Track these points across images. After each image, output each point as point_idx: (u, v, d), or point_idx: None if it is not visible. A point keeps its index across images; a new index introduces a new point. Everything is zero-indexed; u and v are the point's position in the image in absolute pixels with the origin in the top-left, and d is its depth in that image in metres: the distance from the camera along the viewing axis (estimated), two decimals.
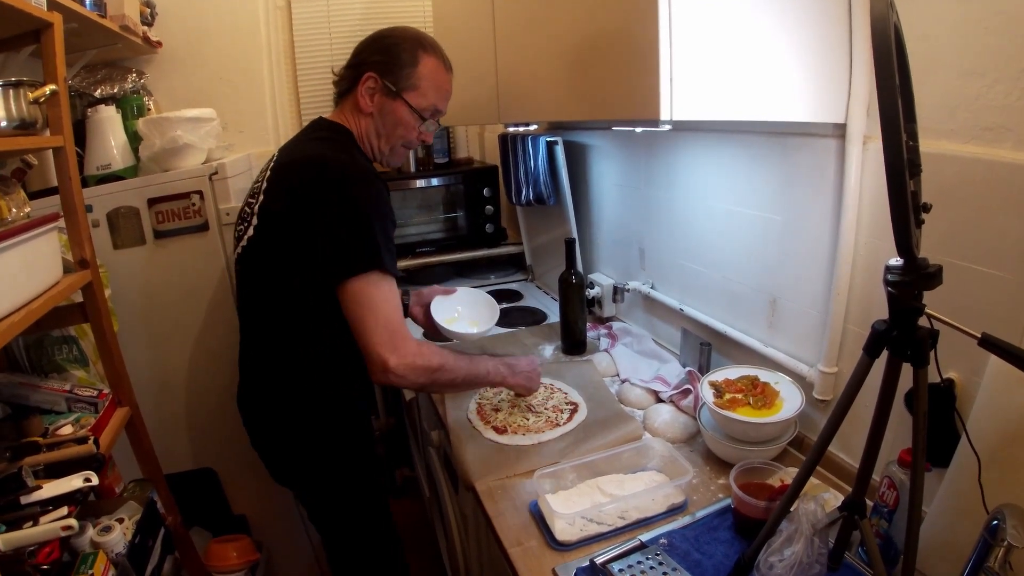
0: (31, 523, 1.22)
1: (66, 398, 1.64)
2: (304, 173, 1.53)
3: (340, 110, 1.72)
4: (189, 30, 2.75)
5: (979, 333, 0.85)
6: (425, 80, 1.65)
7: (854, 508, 1.08)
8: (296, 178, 1.54)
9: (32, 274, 1.43)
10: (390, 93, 1.64)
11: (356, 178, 1.50)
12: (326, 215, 1.48)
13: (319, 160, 1.53)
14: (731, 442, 1.54)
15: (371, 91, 1.64)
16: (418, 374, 1.53)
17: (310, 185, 1.50)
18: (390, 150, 1.72)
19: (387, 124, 1.67)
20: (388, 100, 1.64)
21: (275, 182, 1.59)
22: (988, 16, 1.13)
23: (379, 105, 1.65)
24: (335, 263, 1.49)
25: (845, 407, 1.00)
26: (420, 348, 1.53)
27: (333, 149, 1.59)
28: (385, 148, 1.71)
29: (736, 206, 1.78)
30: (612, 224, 2.57)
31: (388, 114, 1.66)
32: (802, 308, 1.60)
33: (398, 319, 1.51)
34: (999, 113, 1.13)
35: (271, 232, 1.56)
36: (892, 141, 0.75)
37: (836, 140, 1.41)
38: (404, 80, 1.63)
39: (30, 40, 1.59)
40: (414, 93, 1.65)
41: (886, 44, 0.72)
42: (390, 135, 1.69)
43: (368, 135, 1.69)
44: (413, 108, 1.65)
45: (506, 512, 1.47)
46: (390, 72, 1.63)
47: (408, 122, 1.67)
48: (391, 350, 1.48)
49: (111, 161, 2.26)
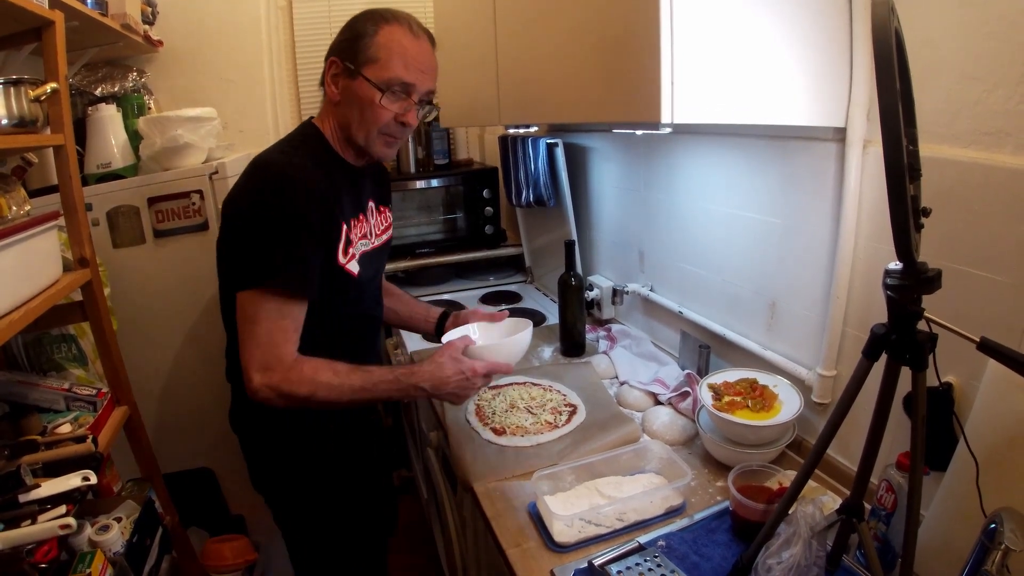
0: (29, 521, 1.22)
1: (65, 397, 1.64)
2: (240, 178, 1.46)
3: (320, 109, 1.60)
4: (190, 29, 2.76)
5: (978, 337, 0.86)
6: (384, 49, 1.45)
7: (852, 511, 1.08)
8: (235, 184, 1.48)
9: (32, 272, 1.43)
10: (349, 73, 1.47)
11: (272, 183, 1.39)
12: (235, 222, 1.44)
13: (252, 164, 1.45)
14: (729, 445, 1.54)
15: (335, 77, 1.50)
16: (284, 399, 1.40)
17: (235, 190, 1.46)
18: (366, 140, 1.53)
19: (353, 109, 1.49)
20: (350, 81, 1.47)
21: (236, 184, 1.50)
22: (989, 21, 1.13)
23: (344, 90, 1.49)
24: (230, 273, 1.46)
25: (844, 410, 1.00)
26: (290, 373, 1.39)
27: (277, 151, 1.50)
28: (361, 139, 1.52)
29: (736, 209, 1.78)
30: (612, 226, 2.57)
31: (352, 97, 1.48)
32: (801, 311, 1.61)
33: (279, 338, 1.39)
34: (999, 118, 1.14)
35: (219, 240, 1.51)
36: (892, 145, 0.75)
37: (836, 144, 1.41)
38: (362, 54, 1.45)
39: (31, 38, 1.60)
40: (373, 66, 1.45)
41: (887, 49, 0.73)
42: (360, 121, 1.50)
43: (342, 127, 1.54)
44: (372, 82, 1.45)
45: (504, 513, 1.47)
46: (349, 50, 1.47)
47: (371, 100, 1.46)
48: (258, 368, 1.38)
49: (111, 160, 2.27)
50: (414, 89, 1.49)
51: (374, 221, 1.68)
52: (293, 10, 3.05)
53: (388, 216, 1.80)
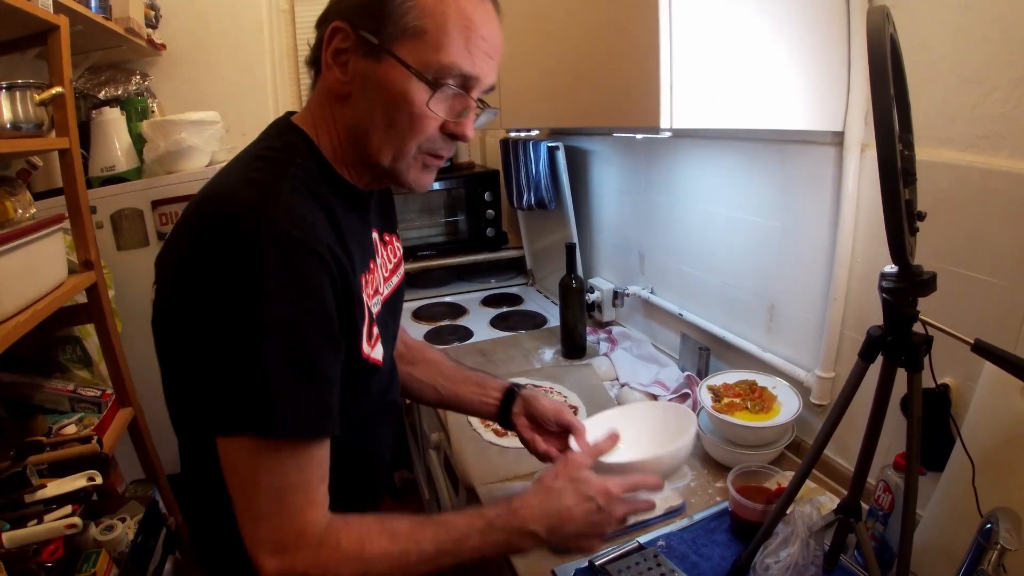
0: (36, 521, 1.23)
1: (69, 398, 1.66)
2: (188, 225, 0.90)
3: (308, 103, 1.04)
4: (193, 33, 2.78)
5: (972, 339, 0.87)
6: (433, 16, 0.89)
7: (849, 511, 1.09)
8: (182, 235, 0.90)
9: (37, 275, 1.45)
10: (370, 49, 0.91)
11: (247, 247, 0.81)
12: (185, 308, 0.86)
13: (207, 202, 0.89)
14: (729, 446, 1.55)
15: (341, 55, 0.93)
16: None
17: (182, 250, 0.88)
18: (396, 161, 0.97)
19: (376, 109, 0.93)
20: (371, 64, 0.91)
21: (174, 230, 0.94)
22: (986, 24, 1.14)
23: (359, 77, 0.93)
24: (203, 403, 0.88)
25: (841, 411, 1.01)
26: (321, 554, 0.88)
27: (247, 176, 0.90)
28: (387, 157, 0.96)
29: (735, 212, 1.79)
30: (612, 229, 2.58)
31: (374, 90, 0.92)
32: (800, 313, 1.62)
33: (297, 503, 0.88)
34: (996, 122, 1.14)
35: (156, 319, 0.93)
36: (886, 152, 0.76)
37: (834, 148, 1.42)
38: (394, 20, 0.89)
39: (36, 42, 1.62)
40: (415, 43, 0.90)
41: (881, 56, 0.74)
42: (389, 130, 0.94)
43: (353, 136, 0.98)
44: (413, 70, 0.90)
45: None
46: (369, 11, 0.90)
47: (410, 98, 0.91)
48: (271, 551, 0.86)
49: (115, 163, 2.28)
50: (476, 84, 0.96)
51: (381, 261, 1.15)
52: (295, 13, 3.07)
53: (397, 248, 1.26)
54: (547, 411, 1.34)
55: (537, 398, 1.37)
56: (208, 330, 0.83)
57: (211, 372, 0.84)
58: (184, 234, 0.89)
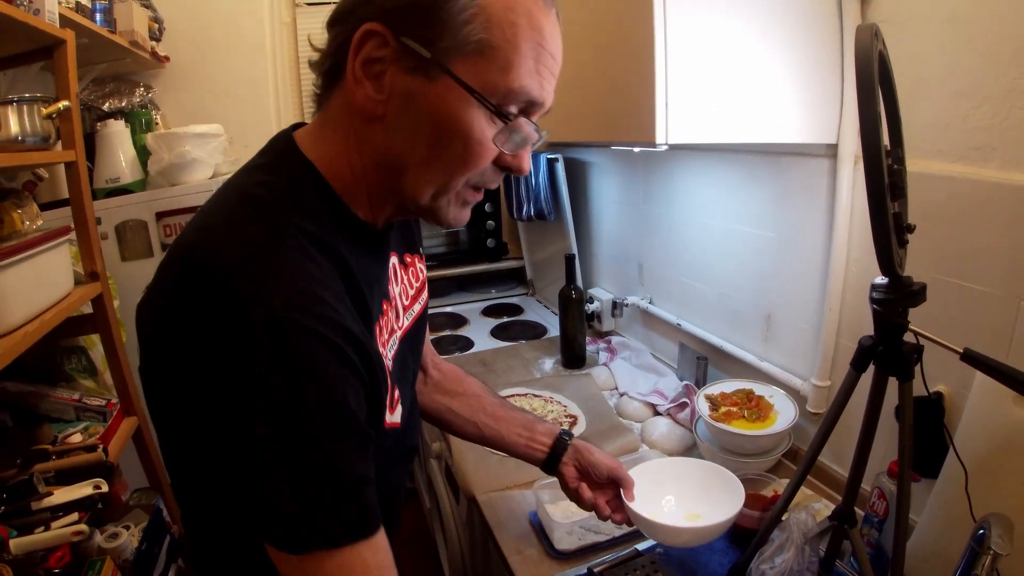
0: (43, 528, 1.25)
1: (75, 407, 1.67)
2: (172, 292, 0.70)
3: (317, 119, 0.84)
4: (196, 45, 2.81)
5: (961, 348, 0.88)
6: (501, 27, 0.72)
7: (843, 518, 1.10)
8: (162, 295, 0.72)
9: (45, 285, 1.47)
10: (419, 64, 0.72)
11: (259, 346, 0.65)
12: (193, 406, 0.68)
13: (199, 274, 0.68)
14: (726, 454, 1.57)
15: (375, 65, 0.74)
16: None
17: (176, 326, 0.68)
18: (438, 197, 0.81)
19: (421, 135, 0.76)
20: (418, 81, 0.73)
21: (155, 280, 0.74)
22: (976, 38, 1.16)
23: (398, 93, 0.74)
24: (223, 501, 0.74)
25: (833, 420, 1.03)
26: None
27: (238, 225, 0.72)
28: (427, 194, 0.80)
29: (732, 223, 1.81)
30: (611, 240, 2.60)
31: (420, 111, 0.74)
32: (796, 323, 1.64)
33: None
34: (986, 133, 1.16)
35: (144, 352, 0.74)
36: (873, 168, 0.78)
37: (828, 160, 1.44)
38: (451, 33, 0.71)
39: (42, 56, 1.64)
40: (478, 60, 0.72)
41: (868, 75, 0.76)
42: (433, 161, 0.77)
43: (385, 167, 0.80)
44: (475, 92, 0.72)
45: (506, 522, 1.50)
46: (418, 21, 0.71)
47: (469, 125, 0.74)
48: None
49: (120, 175, 2.30)
50: (539, 109, 0.82)
51: (400, 289, 1.00)
52: (297, 25, 3.09)
53: (420, 270, 1.10)
54: (602, 465, 1.26)
55: (590, 449, 1.29)
56: (208, 429, 0.68)
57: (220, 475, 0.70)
58: (164, 294, 0.71)
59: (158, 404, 0.74)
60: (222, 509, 0.73)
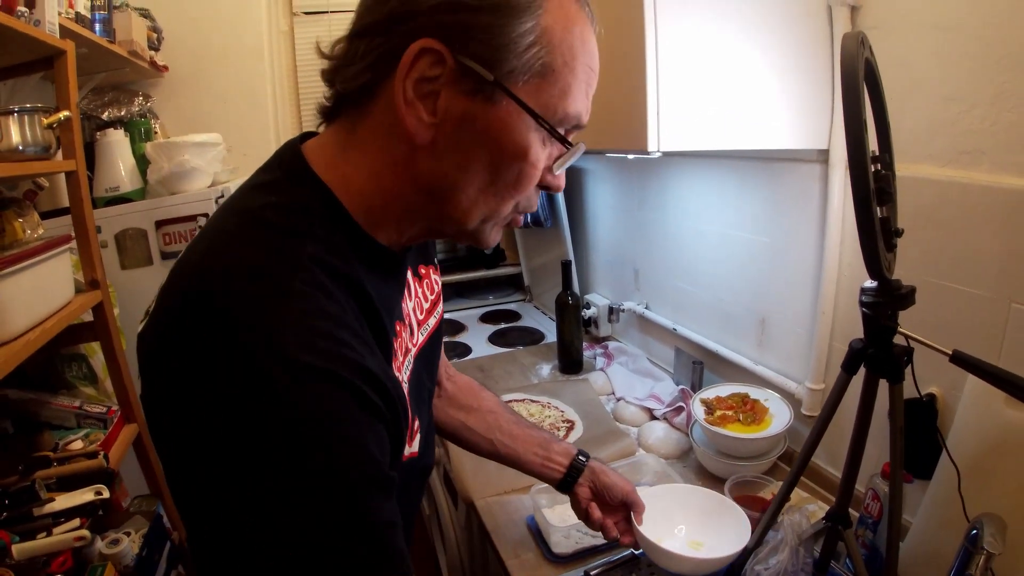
0: (45, 534, 1.26)
1: (76, 414, 1.68)
2: (177, 324, 0.64)
3: (336, 137, 0.76)
4: (195, 54, 2.82)
5: (950, 350, 0.90)
6: (560, 52, 0.70)
7: (837, 519, 1.11)
8: (166, 324, 0.66)
9: (46, 294, 1.48)
10: (479, 86, 0.68)
11: (276, 397, 0.58)
12: (203, 456, 0.60)
13: (207, 307, 0.62)
14: (722, 457, 1.58)
15: (426, 84, 0.68)
16: None
17: (179, 362, 0.62)
18: (484, 221, 0.78)
19: (478, 160, 0.71)
20: (479, 104, 0.69)
21: (157, 304, 0.69)
22: (966, 43, 1.18)
23: (454, 117, 0.69)
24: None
25: (824, 422, 1.04)
26: None
27: (257, 275, 0.64)
28: (475, 219, 0.76)
29: (726, 228, 1.83)
30: (607, 246, 2.62)
31: (479, 136, 0.70)
32: (790, 327, 1.65)
33: None
34: (975, 137, 1.18)
35: (145, 382, 0.67)
36: (858, 175, 0.80)
37: (820, 165, 1.46)
38: (515, 54, 0.68)
39: (43, 66, 1.65)
40: (540, 83, 0.70)
41: (853, 83, 0.78)
42: (489, 186, 0.73)
43: (419, 193, 0.74)
44: (538, 116, 0.70)
45: (504, 526, 1.51)
46: (479, 40, 0.67)
47: (529, 149, 0.71)
48: None
49: (119, 184, 2.31)
50: (580, 127, 0.79)
51: (414, 304, 0.94)
52: (295, 34, 3.11)
53: (435, 281, 1.05)
54: (617, 487, 1.27)
55: (605, 471, 1.29)
56: (217, 482, 0.60)
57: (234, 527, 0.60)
58: (167, 330, 0.65)
59: (162, 442, 0.65)
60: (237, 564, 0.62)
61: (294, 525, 0.59)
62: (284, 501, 0.58)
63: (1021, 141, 1.11)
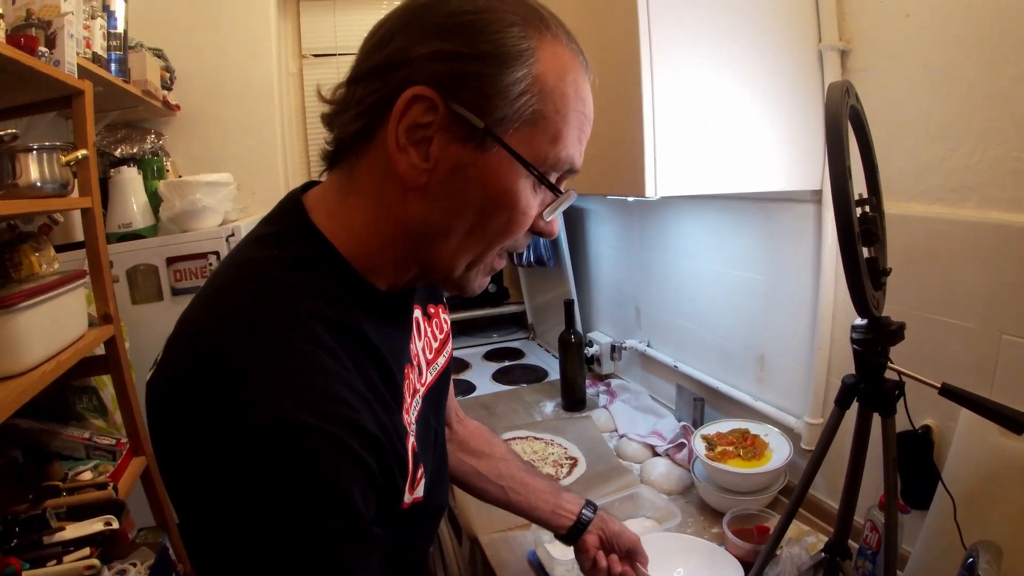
0: (55, 562, 1.28)
1: (85, 445, 1.70)
2: (180, 379, 0.67)
3: (336, 184, 0.78)
4: (206, 94, 2.89)
5: (939, 383, 0.93)
6: (552, 100, 0.71)
7: (836, 550, 1.13)
8: (171, 380, 0.69)
9: (62, 327, 1.52)
10: (471, 134, 0.69)
11: (269, 455, 0.61)
12: (203, 501, 0.65)
13: (209, 366, 0.65)
14: (723, 492, 1.59)
15: (419, 130, 0.70)
16: None
17: (180, 417, 0.65)
18: (469, 267, 0.78)
19: (468, 206, 0.72)
20: (470, 151, 0.70)
21: (164, 355, 0.72)
22: (950, 83, 1.22)
23: (446, 163, 0.70)
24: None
25: (820, 456, 1.07)
26: None
27: (256, 331, 0.66)
28: (460, 266, 0.77)
29: (724, 267, 1.87)
30: (609, 285, 2.66)
31: (470, 182, 0.71)
32: (788, 363, 1.68)
33: None
34: (962, 174, 1.22)
35: (153, 430, 0.70)
36: (843, 219, 0.84)
37: (814, 204, 1.51)
38: (506, 102, 0.69)
39: (60, 104, 1.70)
40: (530, 131, 0.71)
41: (837, 131, 0.82)
42: (475, 231, 0.74)
43: (408, 237, 0.75)
44: (528, 164, 0.71)
45: (508, 562, 1.52)
46: (471, 87, 0.68)
47: (518, 196, 0.72)
48: None
49: (132, 220, 2.36)
50: (573, 173, 0.79)
51: (423, 344, 0.97)
52: (303, 76, 3.19)
53: (444, 321, 1.07)
54: (625, 536, 1.29)
55: (613, 519, 1.30)
56: (216, 523, 0.64)
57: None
58: (174, 382, 0.68)
59: (169, 479, 0.69)
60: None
61: (275, 572, 0.61)
62: (270, 549, 0.61)
63: (1006, 177, 1.15)
